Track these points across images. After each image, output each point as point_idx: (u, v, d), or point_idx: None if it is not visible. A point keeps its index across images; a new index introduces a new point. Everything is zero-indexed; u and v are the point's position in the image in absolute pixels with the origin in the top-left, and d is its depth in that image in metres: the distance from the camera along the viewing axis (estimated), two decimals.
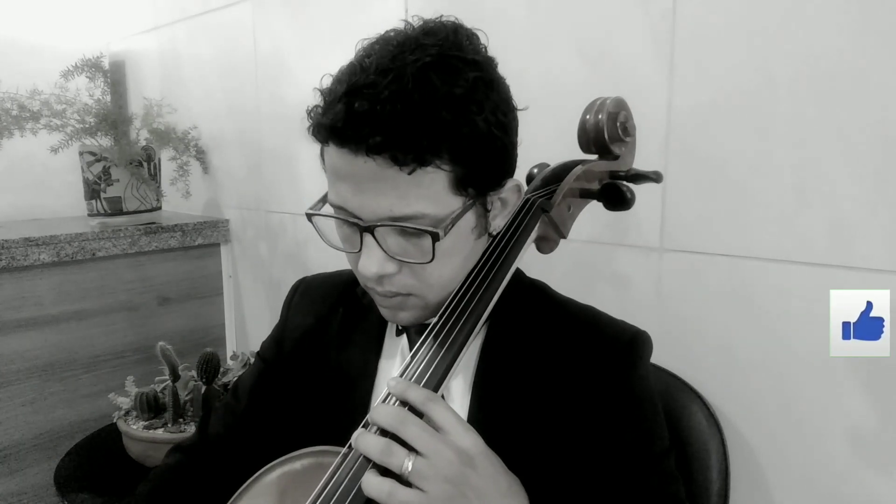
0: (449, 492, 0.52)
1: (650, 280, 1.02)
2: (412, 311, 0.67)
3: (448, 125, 0.56)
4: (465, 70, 0.57)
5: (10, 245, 1.50)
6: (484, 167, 0.61)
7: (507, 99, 0.63)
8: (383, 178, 0.57)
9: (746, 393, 0.93)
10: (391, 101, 0.54)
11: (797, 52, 0.84)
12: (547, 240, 0.75)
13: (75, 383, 1.65)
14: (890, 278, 0.80)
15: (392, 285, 0.64)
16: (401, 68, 0.55)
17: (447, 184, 0.59)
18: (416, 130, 0.55)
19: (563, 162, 0.78)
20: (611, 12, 1.02)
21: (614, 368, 0.67)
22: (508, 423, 0.66)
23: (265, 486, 0.66)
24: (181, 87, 2.00)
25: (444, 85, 0.56)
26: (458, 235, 0.62)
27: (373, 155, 0.55)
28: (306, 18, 1.56)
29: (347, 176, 0.59)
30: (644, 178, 0.77)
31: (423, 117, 0.55)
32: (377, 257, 0.61)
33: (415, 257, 0.61)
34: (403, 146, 0.55)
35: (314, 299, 0.85)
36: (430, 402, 0.56)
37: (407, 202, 0.58)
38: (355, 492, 0.55)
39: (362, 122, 0.55)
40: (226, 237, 1.92)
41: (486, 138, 0.59)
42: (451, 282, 0.66)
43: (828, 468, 0.87)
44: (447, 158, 0.57)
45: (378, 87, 0.54)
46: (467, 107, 0.57)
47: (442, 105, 0.55)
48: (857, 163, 0.81)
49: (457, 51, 0.59)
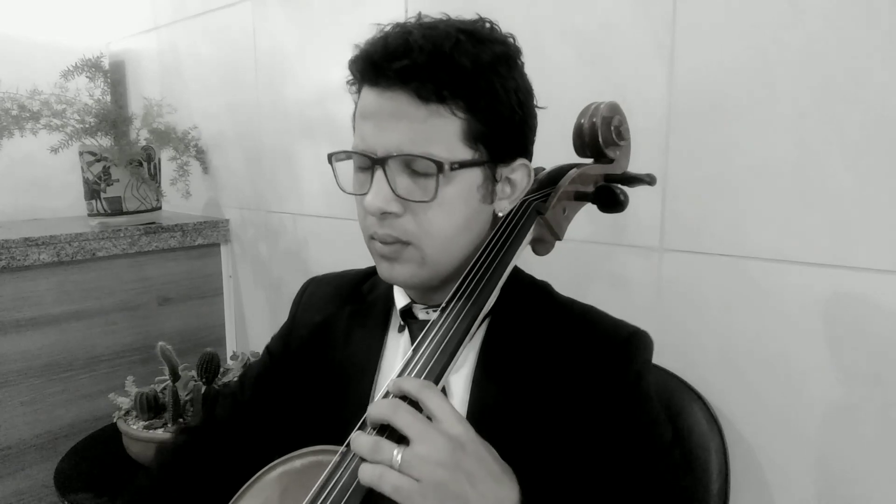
0: (441, 476, 0.53)
1: (650, 280, 1.02)
2: (408, 264, 0.67)
3: (469, 76, 0.61)
4: (495, 45, 0.64)
5: (10, 245, 1.51)
6: (497, 130, 0.65)
7: (528, 89, 0.69)
8: (402, 115, 0.62)
9: (746, 393, 0.93)
10: (423, 40, 0.61)
11: (797, 51, 0.84)
12: (543, 241, 0.76)
13: (75, 383, 1.65)
14: (890, 278, 0.80)
15: (392, 228, 0.65)
16: (435, 26, 0.63)
17: (460, 132, 0.63)
18: (440, 66, 0.60)
19: (558, 165, 0.79)
20: (611, 13, 1.02)
21: (611, 365, 0.68)
22: (506, 419, 0.66)
23: (266, 483, 0.67)
24: (181, 87, 2.00)
25: (473, 47, 0.62)
26: (463, 186, 0.65)
27: (398, 86, 0.61)
28: (306, 18, 1.56)
29: (371, 115, 0.64)
30: (638, 181, 0.78)
31: (448, 59, 0.60)
32: (384, 193, 0.63)
33: (419, 196, 0.63)
34: (426, 76, 0.60)
35: (322, 298, 0.87)
36: (424, 390, 0.57)
37: (420, 139, 0.62)
38: (354, 486, 0.56)
39: (393, 52, 0.61)
40: (226, 237, 1.92)
41: (502, 104, 0.64)
42: (451, 241, 0.67)
43: (828, 468, 0.87)
44: (463, 106, 0.62)
45: (414, 32, 0.62)
46: (489, 70, 0.63)
47: (467, 58, 0.61)
48: (858, 163, 0.81)
49: (489, 32, 0.66)
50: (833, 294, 0.85)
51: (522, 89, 0.67)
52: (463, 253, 0.69)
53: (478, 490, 0.54)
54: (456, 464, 0.53)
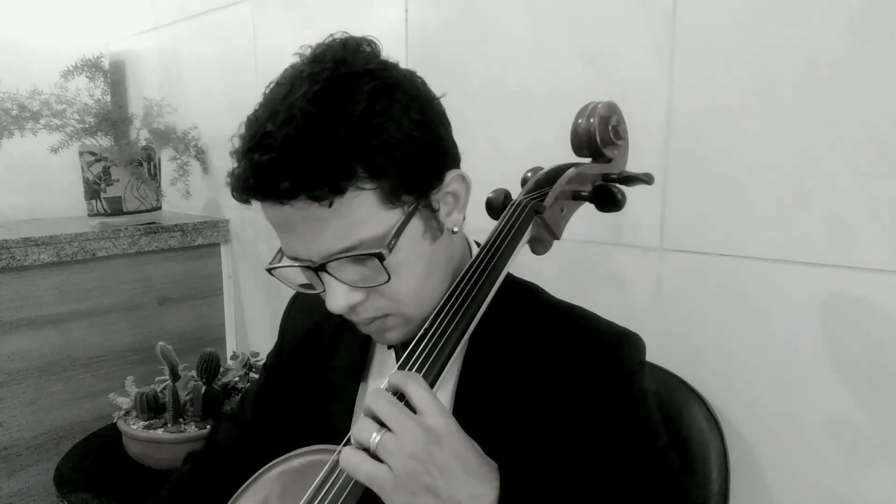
0: (412, 468, 0.53)
1: (650, 280, 1.02)
2: (397, 329, 0.67)
3: (353, 146, 0.55)
4: (361, 84, 0.56)
5: (10, 245, 1.51)
6: (411, 172, 0.59)
7: (418, 95, 0.61)
8: (312, 219, 0.57)
9: (746, 393, 0.93)
10: (287, 146, 0.54)
11: (797, 52, 0.84)
12: (540, 241, 0.76)
13: (75, 383, 1.65)
14: (890, 278, 0.80)
15: (366, 311, 0.64)
16: (290, 108, 0.55)
17: (377, 201, 0.58)
18: (320, 165, 0.54)
19: (556, 165, 0.79)
20: (611, 15, 1.02)
21: (600, 368, 0.66)
22: (491, 425, 0.65)
23: (266, 482, 0.68)
24: (181, 87, 2.00)
25: (338, 107, 0.55)
26: (409, 245, 0.61)
27: (289, 200, 0.55)
28: (306, 18, 1.56)
29: (282, 225, 0.61)
30: (636, 181, 0.78)
31: (322, 150, 0.54)
32: (340, 291, 0.61)
33: (374, 280, 0.60)
34: (312, 183, 0.54)
35: (311, 308, 0.85)
36: (408, 381, 0.57)
37: (342, 234, 0.58)
38: (352, 484, 0.57)
39: (267, 174, 0.55)
40: (226, 237, 1.92)
41: (403, 143, 0.57)
42: (422, 292, 0.65)
43: (828, 468, 0.87)
44: (365, 177, 0.56)
45: (272, 134, 0.54)
46: (370, 120, 0.56)
47: (339, 128, 0.54)
48: (857, 163, 0.81)
49: (347, 68, 0.57)
50: (833, 294, 0.85)
51: (413, 105, 0.59)
52: (443, 286, 0.68)
53: (450, 485, 0.54)
54: (429, 457, 0.53)
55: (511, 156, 1.14)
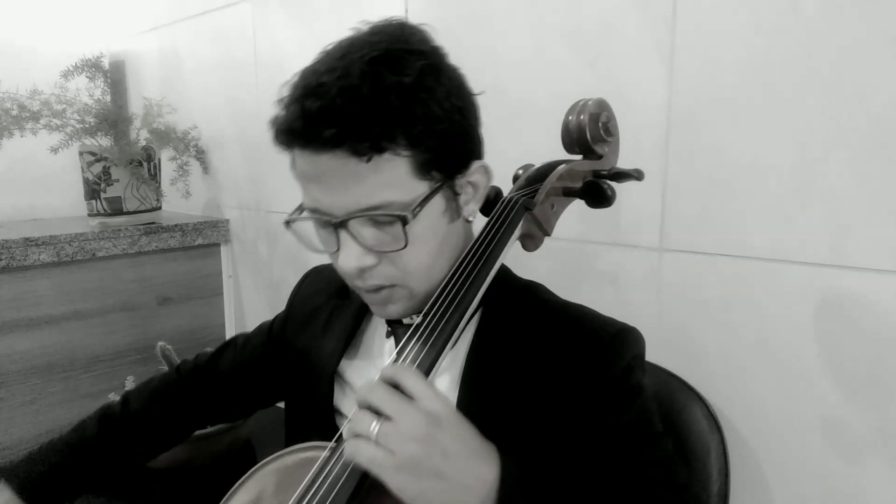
0: (416, 451, 0.53)
1: (650, 280, 1.02)
2: (400, 302, 0.68)
3: (399, 111, 0.58)
4: (413, 60, 0.60)
5: (10, 245, 1.50)
6: (445, 150, 0.62)
7: (460, 85, 0.65)
8: (346, 172, 0.59)
9: (746, 393, 0.93)
10: (340, 96, 0.57)
11: (797, 51, 0.84)
12: (531, 237, 0.76)
13: (75, 383, 1.65)
14: (890, 278, 0.80)
15: (374, 278, 0.65)
16: (348, 65, 0.58)
17: (409, 169, 0.61)
18: (368, 119, 0.57)
19: (547, 162, 0.79)
20: (611, 13, 1.02)
21: (598, 361, 0.67)
22: (494, 419, 0.66)
23: (260, 477, 0.69)
24: (181, 87, 2.00)
25: (392, 74, 0.58)
26: (430, 219, 0.64)
27: (331, 149, 0.58)
28: (306, 18, 1.56)
29: (314, 176, 0.62)
30: (626, 177, 0.78)
31: (372, 106, 0.57)
32: (355, 251, 0.63)
33: (390, 245, 0.62)
34: (357, 135, 0.57)
35: (317, 289, 0.89)
36: (401, 372, 0.57)
37: (372, 192, 0.60)
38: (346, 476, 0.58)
39: (316, 120, 0.57)
40: (226, 237, 1.92)
41: (442, 121, 0.61)
42: (432, 269, 0.67)
43: (827, 468, 0.87)
44: (404, 143, 0.59)
45: (327, 84, 0.57)
46: (417, 93, 0.59)
47: (391, 92, 0.58)
48: (857, 163, 0.81)
49: (403, 44, 0.61)
50: (833, 294, 0.85)
51: (455, 91, 0.63)
52: (447, 269, 0.69)
53: (454, 466, 0.54)
54: (431, 439, 0.54)
55: (508, 155, 1.14)
